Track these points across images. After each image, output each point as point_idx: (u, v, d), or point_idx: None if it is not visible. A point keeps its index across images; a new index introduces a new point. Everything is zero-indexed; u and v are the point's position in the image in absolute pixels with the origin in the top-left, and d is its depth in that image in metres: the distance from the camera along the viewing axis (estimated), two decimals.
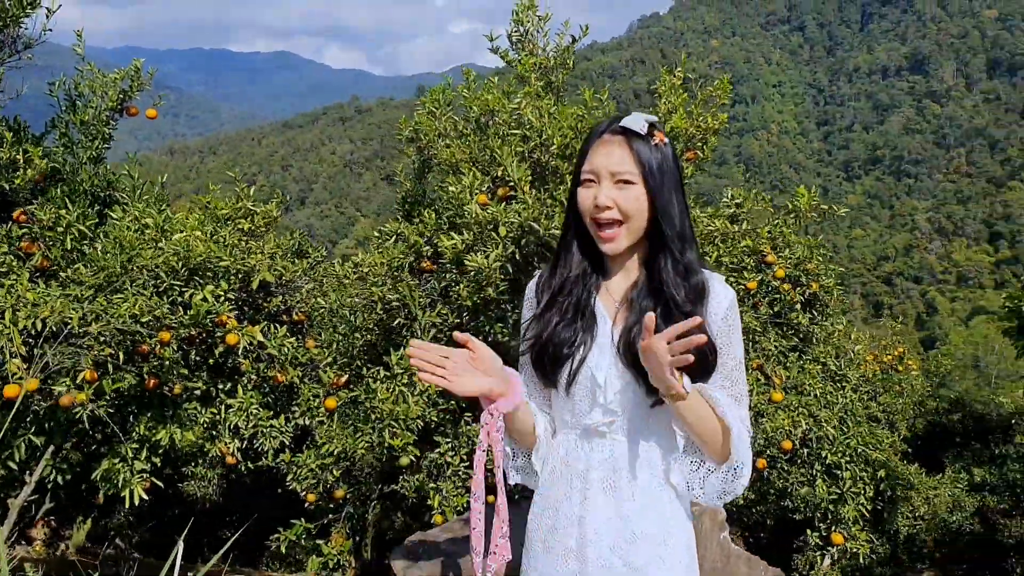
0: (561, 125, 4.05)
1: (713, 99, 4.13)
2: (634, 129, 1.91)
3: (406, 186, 5.45)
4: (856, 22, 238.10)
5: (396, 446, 3.62)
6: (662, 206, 1.92)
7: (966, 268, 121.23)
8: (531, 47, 4.74)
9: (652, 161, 1.91)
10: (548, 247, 3.60)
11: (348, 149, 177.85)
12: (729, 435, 1.87)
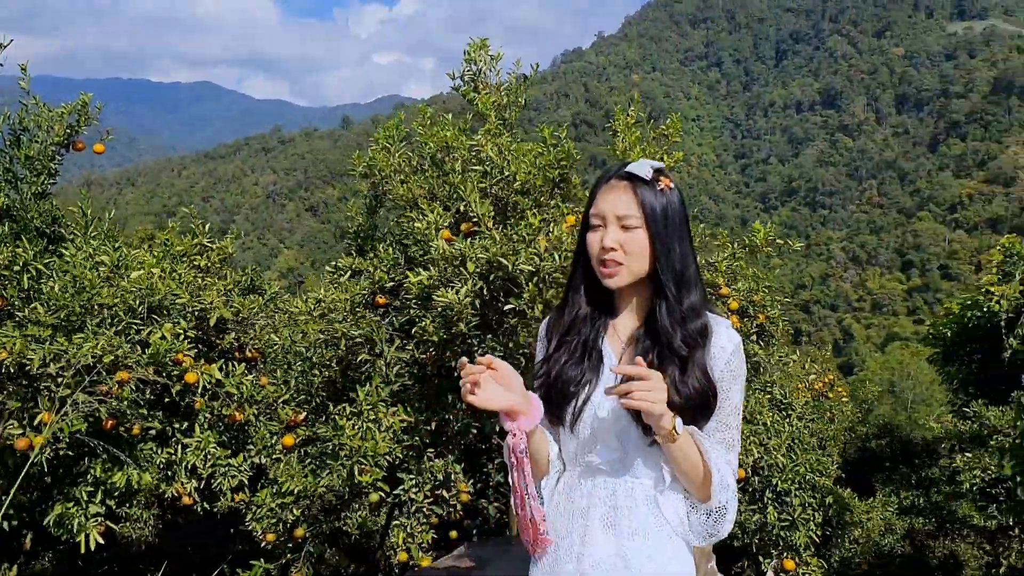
0: (523, 162, 4.12)
1: (665, 137, 4.24)
2: (639, 175, 1.99)
3: (358, 220, 5.44)
4: (771, 58, 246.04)
5: (366, 482, 3.60)
6: (662, 250, 1.99)
7: (880, 296, 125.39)
8: (484, 85, 4.81)
9: (656, 206, 1.98)
10: (515, 282, 3.65)
11: (271, 180, 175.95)
12: (711, 479, 1.93)
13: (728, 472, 1.96)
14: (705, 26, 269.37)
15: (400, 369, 3.93)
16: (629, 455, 2.03)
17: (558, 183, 4.40)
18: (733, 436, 2.02)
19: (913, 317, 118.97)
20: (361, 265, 5.02)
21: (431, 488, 3.96)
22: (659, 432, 1.89)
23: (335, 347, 4.14)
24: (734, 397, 2.00)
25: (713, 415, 2.00)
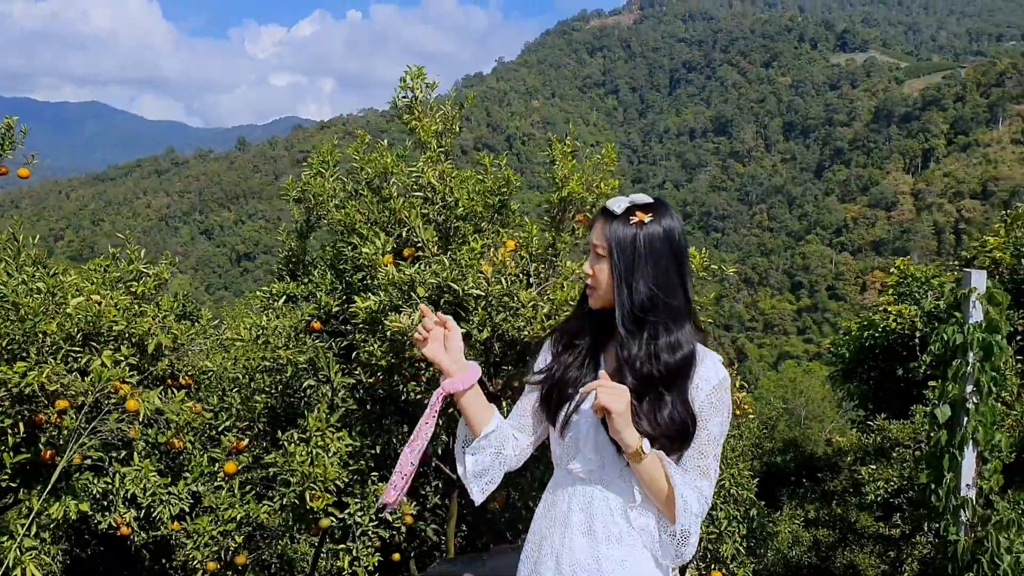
0: (465, 188, 4.22)
1: (600, 166, 4.40)
2: (610, 209, 2.13)
3: (289, 245, 5.43)
4: (665, 87, 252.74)
5: (317, 508, 3.61)
6: (619, 283, 2.10)
7: (771, 316, 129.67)
8: (420, 112, 4.89)
9: (621, 239, 2.10)
10: (463, 306, 3.73)
11: (164, 203, 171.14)
12: (675, 504, 2.05)
13: (694, 498, 2.07)
14: (602, 54, 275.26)
15: (344, 394, 3.96)
16: (606, 468, 2.15)
17: (498, 209, 4.52)
18: (708, 464, 2.13)
19: (803, 336, 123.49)
20: (295, 290, 5.03)
21: (376, 511, 3.99)
22: (626, 450, 2.03)
23: (276, 373, 4.14)
24: (712, 429, 2.11)
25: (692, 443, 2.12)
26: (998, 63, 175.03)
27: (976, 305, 3.89)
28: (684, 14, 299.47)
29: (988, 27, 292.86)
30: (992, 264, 8.27)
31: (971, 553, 3.85)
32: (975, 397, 3.88)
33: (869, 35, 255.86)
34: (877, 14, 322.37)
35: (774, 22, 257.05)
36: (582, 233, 4.41)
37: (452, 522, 4.73)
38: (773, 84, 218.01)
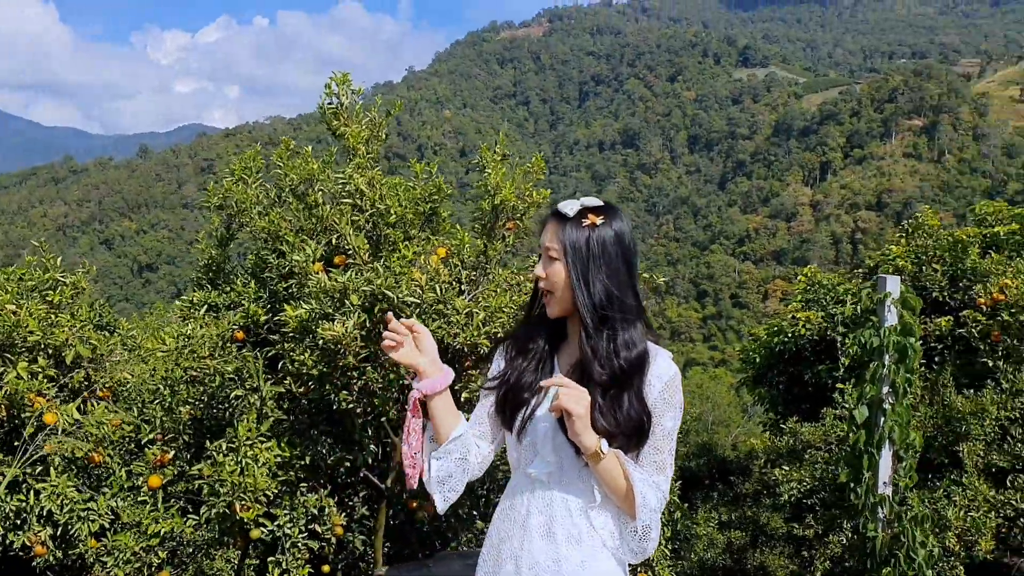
0: (395, 195, 4.20)
1: (530, 175, 4.43)
2: (563, 212, 2.16)
3: (209, 253, 5.30)
4: (575, 99, 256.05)
5: (248, 518, 3.52)
6: (578, 283, 2.12)
7: (678, 324, 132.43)
8: (345, 118, 4.84)
9: (576, 241, 2.13)
10: (396, 314, 3.70)
11: (62, 212, 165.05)
12: (634, 500, 2.08)
13: (652, 494, 2.11)
14: (512, 66, 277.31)
15: (272, 404, 3.89)
16: (564, 470, 2.17)
17: (428, 217, 4.50)
18: (664, 460, 2.16)
19: (709, 344, 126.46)
20: (216, 299, 4.91)
21: (305, 523, 3.92)
22: (585, 451, 2.05)
23: (201, 384, 4.03)
24: (666, 424, 2.15)
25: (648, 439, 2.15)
26: (891, 79, 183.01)
27: (891, 309, 4.05)
28: (592, 28, 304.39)
29: (881, 45, 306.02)
30: (896, 272, 8.62)
31: (888, 548, 4.01)
32: (891, 398, 4.04)
33: (770, 51, 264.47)
34: (777, 31, 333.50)
35: (679, 37, 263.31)
36: (512, 241, 4.43)
37: (380, 533, 4.68)
38: (678, 98, 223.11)
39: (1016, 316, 7.24)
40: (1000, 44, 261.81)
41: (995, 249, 8.72)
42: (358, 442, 4.23)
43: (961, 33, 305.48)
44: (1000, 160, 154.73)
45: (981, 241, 8.85)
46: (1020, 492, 6.67)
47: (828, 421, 7.83)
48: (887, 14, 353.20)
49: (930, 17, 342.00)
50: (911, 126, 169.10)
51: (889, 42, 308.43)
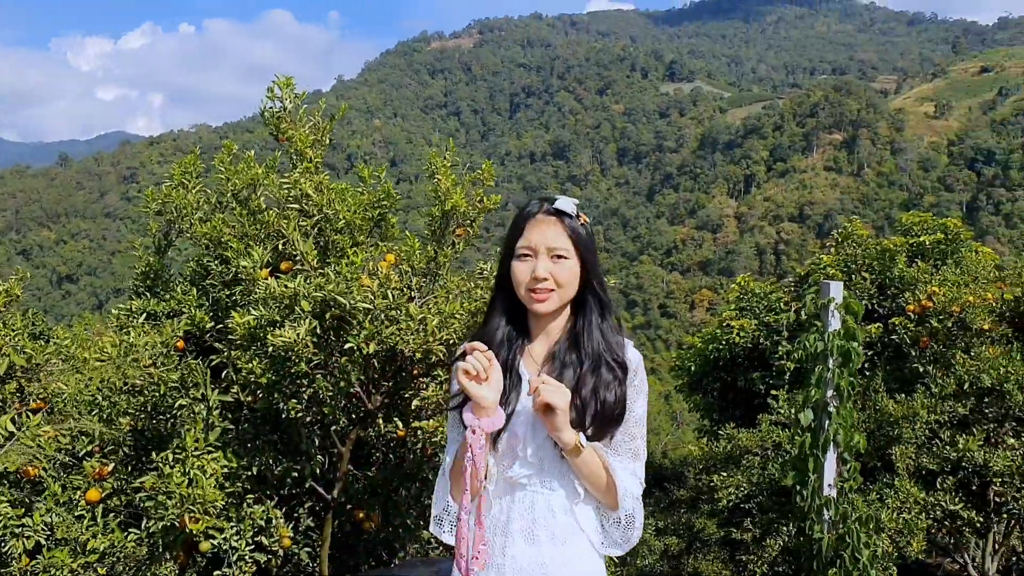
0: (346, 201, 4.14)
1: (479, 181, 4.42)
2: (567, 211, 2.17)
3: (146, 260, 5.16)
4: (506, 111, 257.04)
5: (198, 530, 3.42)
6: (595, 276, 2.20)
7: None
8: (289, 122, 4.77)
9: (583, 236, 2.18)
10: (346, 321, 3.64)
11: None
12: (616, 490, 2.10)
13: (632, 482, 2.14)
14: (443, 76, 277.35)
15: (218, 414, 3.79)
16: (545, 470, 2.16)
17: (377, 222, 4.45)
18: (638, 446, 2.20)
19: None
20: (156, 307, 4.77)
21: (252, 535, 3.82)
22: (564, 447, 2.06)
23: (141, 394, 3.90)
24: (638, 410, 2.19)
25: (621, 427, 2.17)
26: (812, 95, 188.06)
27: (834, 314, 4.14)
28: (523, 40, 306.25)
29: (803, 61, 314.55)
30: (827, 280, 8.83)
31: (834, 549, 4.08)
32: (835, 401, 4.13)
33: (695, 66, 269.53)
34: (703, 46, 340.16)
35: (608, 51, 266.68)
36: (462, 247, 4.41)
37: (326, 544, 4.60)
38: (607, 111, 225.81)
39: (944, 322, 7.47)
40: (915, 62, 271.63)
41: (921, 258, 9.01)
42: (305, 452, 4.15)
43: (879, 51, 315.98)
44: (916, 173, 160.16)
45: (908, 250, 9.12)
46: (949, 494, 6.88)
47: (764, 427, 7.96)
48: (808, 31, 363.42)
49: (849, 35, 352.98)
50: (831, 140, 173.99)
51: (810, 58, 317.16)
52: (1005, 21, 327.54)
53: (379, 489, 4.78)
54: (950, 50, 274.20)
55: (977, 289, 7.64)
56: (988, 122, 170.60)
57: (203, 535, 3.48)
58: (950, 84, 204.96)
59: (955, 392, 7.10)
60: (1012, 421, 7.07)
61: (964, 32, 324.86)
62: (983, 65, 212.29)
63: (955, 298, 7.43)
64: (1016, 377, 6.89)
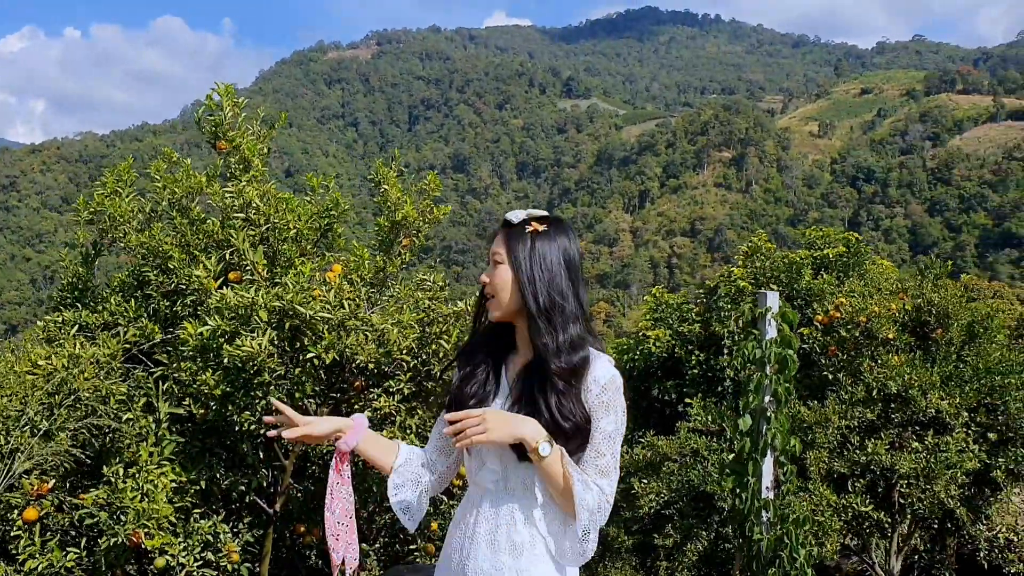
0: (295, 211, 4.10)
1: (426, 191, 4.45)
2: (509, 219, 2.27)
3: (73, 271, 4.98)
4: (405, 122, 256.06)
5: (152, 546, 3.33)
6: (524, 284, 2.20)
7: None
8: (229, 130, 4.70)
9: (519, 245, 2.21)
10: (303, 331, 3.61)
11: None
12: (573, 501, 2.11)
13: (591, 495, 2.11)
14: (340, 87, 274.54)
15: (166, 427, 3.70)
16: (509, 477, 2.20)
17: (324, 232, 4.42)
18: (606, 463, 2.19)
19: None
20: (88, 319, 4.62)
21: (200, 551, 3.74)
22: (528, 447, 2.10)
23: (82, 408, 3.77)
24: (606, 427, 2.18)
25: (588, 443, 2.18)
26: (703, 113, 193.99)
27: (771, 323, 4.33)
28: (421, 52, 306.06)
29: (694, 81, 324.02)
30: (736, 292, 9.16)
31: (773, 550, 4.25)
32: (772, 406, 4.30)
33: (592, 83, 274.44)
34: (598, 64, 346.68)
35: (506, 66, 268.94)
36: (408, 257, 4.43)
37: (267, 559, 4.53)
38: (506, 125, 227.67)
39: (851, 332, 7.83)
40: (800, 83, 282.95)
41: (825, 270, 9.42)
42: (251, 465, 4.08)
43: (766, 71, 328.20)
44: (801, 190, 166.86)
45: (812, 263, 9.52)
46: (859, 496, 7.20)
47: (683, 434, 8.17)
48: (699, 52, 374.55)
49: (738, 56, 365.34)
50: (721, 158, 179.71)
51: (701, 78, 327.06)
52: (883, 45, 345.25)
53: (320, 502, 4.73)
54: (832, 72, 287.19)
55: (881, 300, 8.03)
56: (868, 141, 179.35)
57: (158, 551, 3.40)
58: (833, 104, 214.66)
59: (864, 398, 7.43)
60: (915, 426, 7.45)
61: (845, 55, 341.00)
62: (863, 87, 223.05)
63: (861, 308, 7.79)
64: (920, 383, 7.27)
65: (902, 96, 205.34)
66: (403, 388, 3.99)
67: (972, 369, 7.61)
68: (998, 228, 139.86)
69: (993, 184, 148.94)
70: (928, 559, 8.51)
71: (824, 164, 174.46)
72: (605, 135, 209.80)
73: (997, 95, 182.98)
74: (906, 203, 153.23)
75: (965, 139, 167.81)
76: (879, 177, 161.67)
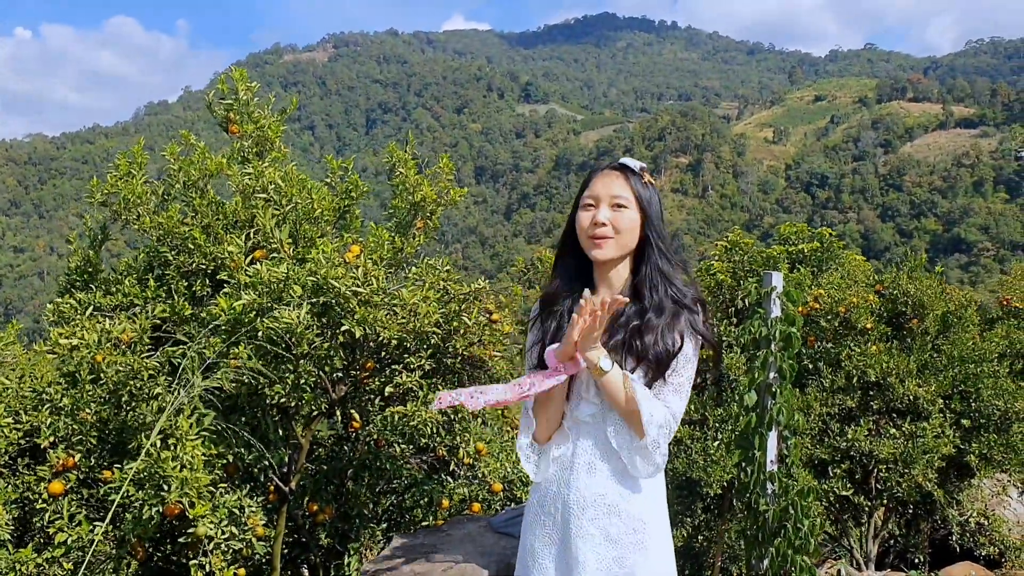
0: (316, 191, 4.19)
1: (439, 175, 4.55)
2: (630, 166, 2.38)
3: (82, 254, 5.00)
4: (362, 126, 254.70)
5: (196, 514, 3.38)
6: (655, 228, 2.38)
7: None
8: (247, 115, 4.76)
9: (643, 192, 2.37)
10: (332, 306, 3.68)
11: None
12: (639, 417, 2.25)
13: (659, 410, 2.26)
14: (297, 89, 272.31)
15: (197, 401, 3.75)
16: (607, 409, 2.33)
17: (343, 214, 4.51)
18: (680, 381, 2.34)
19: None
20: (101, 300, 4.64)
21: (226, 524, 3.79)
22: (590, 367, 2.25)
23: (103, 384, 3.80)
24: (687, 349, 2.34)
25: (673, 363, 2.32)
26: (660, 119, 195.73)
27: (776, 302, 4.48)
28: (379, 56, 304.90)
29: (651, 87, 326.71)
30: (716, 285, 9.36)
31: (778, 521, 4.40)
32: (778, 382, 4.46)
33: (550, 88, 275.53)
34: (556, 69, 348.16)
35: (464, 70, 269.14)
36: (422, 239, 4.52)
37: (280, 537, 4.59)
38: (465, 129, 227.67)
39: (831, 322, 8.06)
40: (755, 89, 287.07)
41: (800, 264, 9.66)
42: (272, 442, 4.15)
43: (721, 78, 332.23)
44: (756, 196, 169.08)
45: (788, 257, 9.76)
46: (840, 481, 7.43)
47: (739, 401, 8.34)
48: (656, 58, 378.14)
49: (694, 62, 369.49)
50: (678, 163, 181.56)
51: (658, 84, 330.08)
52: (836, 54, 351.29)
53: (334, 480, 4.81)
54: (787, 79, 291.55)
55: (859, 291, 8.27)
56: (822, 148, 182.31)
57: (200, 519, 3.45)
58: (787, 111, 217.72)
59: (844, 386, 7.66)
60: (893, 412, 7.69)
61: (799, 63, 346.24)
62: (817, 94, 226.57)
63: (841, 299, 8.02)
64: (897, 372, 7.51)
65: (855, 103, 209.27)
66: (424, 364, 4.08)
67: (947, 357, 7.87)
68: (948, 233, 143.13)
69: (943, 190, 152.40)
70: (903, 543, 8.76)
71: (779, 170, 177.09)
72: (563, 140, 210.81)
73: (946, 103, 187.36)
74: (859, 209, 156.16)
75: (916, 146, 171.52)
76: (832, 183, 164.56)
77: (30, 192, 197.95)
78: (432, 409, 2.46)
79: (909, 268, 8.49)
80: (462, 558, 3.10)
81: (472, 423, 4.52)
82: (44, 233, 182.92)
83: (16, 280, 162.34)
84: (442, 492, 4.85)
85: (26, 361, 4.80)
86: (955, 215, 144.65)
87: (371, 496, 4.85)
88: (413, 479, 4.86)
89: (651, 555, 2.31)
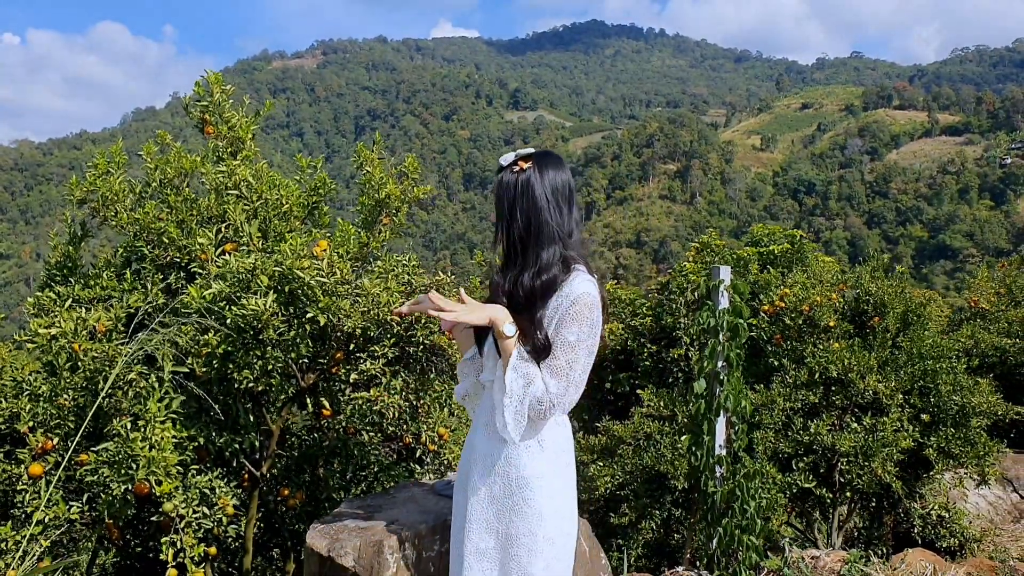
0: (285, 188, 4.39)
1: (405, 174, 4.76)
2: (500, 163, 2.60)
3: (63, 250, 5.19)
4: (351, 132, 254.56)
5: (163, 492, 3.57)
6: (502, 215, 2.56)
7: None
8: (226, 113, 4.97)
9: (505, 184, 2.56)
10: (298, 296, 3.89)
11: None
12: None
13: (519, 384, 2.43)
14: (285, 96, 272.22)
15: (169, 386, 3.94)
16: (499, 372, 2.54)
17: (311, 210, 4.72)
18: (558, 365, 2.42)
19: None
20: (80, 294, 4.84)
21: (197, 503, 3.99)
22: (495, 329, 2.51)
23: (80, 370, 4.00)
24: (567, 336, 2.42)
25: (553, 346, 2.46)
26: (648, 126, 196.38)
27: (724, 294, 4.72)
28: (368, 63, 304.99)
29: (639, 94, 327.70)
30: (688, 284, 9.59)
31: (726, 502, 4.63)
32: (725, 371, 4.69)
33: (538, 95, 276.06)
34: (545, 76, 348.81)
35: (453, 77, 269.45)
36: (387, 235, 4.73)
37: (252, 521, 4.78)
38: (453, 136, 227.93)
39: (795, 320, 8.30)
40: (743, 97, 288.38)
41: (772, 265, 9.90)
42: (243, 426, 4.35)
43: (709, 85, 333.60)
44: (744, 202, 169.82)
45: (759, 258, 10.00)
46: (803, 474, 7.66)
47: (636, 419, 8.57)
48: (644, 65, 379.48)
49: (682, 69, 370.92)
50: (666, 170, 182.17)
51: (646, 91, 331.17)
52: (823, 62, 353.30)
53: (305, 466, 5.01)
54: (774, 87, 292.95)
55: (823, 290, 8.51)
56: (808, 155, 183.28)
57: (166, 496, 3.65)
58: (774, 119, 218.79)
59: (807, 382, 7.89)
60: (854, 407, 7.93)
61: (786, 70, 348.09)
62: (804, 102, 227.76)
63: (805, 298, 8.27)
64: (858, 368, 7.75)
65: (841, 111, 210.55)
66: (387, 352, 4.29)
67: (906, 354, 8.12)
68: (933, 240, 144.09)
69: (928, 197, 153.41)
70: (867, 535, 8.99)
71: (766, 177, 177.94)
72: (552, 147, 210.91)
73: (932, 111, 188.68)
74: (845, 215, 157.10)
75: (901, 153, 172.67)
76: (819, 190, 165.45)
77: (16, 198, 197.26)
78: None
79: (871, 268, 8.75)
80: (403, 516, 3.33)
81: (435, 411, 4.72)
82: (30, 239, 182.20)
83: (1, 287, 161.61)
84: (409, 478, 5.05)
85: (7, 354, 4.99)
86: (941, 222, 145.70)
87: (341, 482, 5.06)
88: (381, 465, 5.07)
89: (530, 516, 2.46)
